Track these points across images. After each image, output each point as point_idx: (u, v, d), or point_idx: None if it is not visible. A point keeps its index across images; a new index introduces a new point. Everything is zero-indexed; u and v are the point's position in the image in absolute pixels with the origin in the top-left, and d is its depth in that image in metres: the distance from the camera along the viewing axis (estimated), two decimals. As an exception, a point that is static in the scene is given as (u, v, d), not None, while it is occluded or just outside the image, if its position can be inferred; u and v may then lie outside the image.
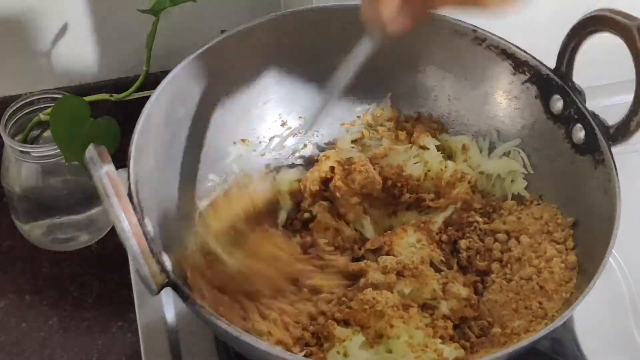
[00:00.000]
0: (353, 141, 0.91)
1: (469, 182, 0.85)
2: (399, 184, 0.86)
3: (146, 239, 0.63)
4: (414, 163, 0.87)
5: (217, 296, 0.73)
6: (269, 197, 0.82)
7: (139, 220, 0.63)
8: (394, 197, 0.86)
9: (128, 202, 0.62)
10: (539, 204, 0.83)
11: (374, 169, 0.86)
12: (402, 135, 0.89)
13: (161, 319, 0.83)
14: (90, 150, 0.63)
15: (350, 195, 0.85)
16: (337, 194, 0.84)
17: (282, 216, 0.86)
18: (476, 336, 0.76)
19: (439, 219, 0.84)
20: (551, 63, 0.82)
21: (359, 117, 0.91)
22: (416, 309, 0.75)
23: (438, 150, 0.88)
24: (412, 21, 0.67)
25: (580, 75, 0.80)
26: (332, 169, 0.86)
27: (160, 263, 0.64)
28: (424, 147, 0.88)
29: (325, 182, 0.86)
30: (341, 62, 0.74)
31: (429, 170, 0.87)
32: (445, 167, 0.86)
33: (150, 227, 0.67)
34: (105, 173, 0.61)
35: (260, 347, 0.64)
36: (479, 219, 0.84)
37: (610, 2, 0.75)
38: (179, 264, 0.70)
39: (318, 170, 0.86)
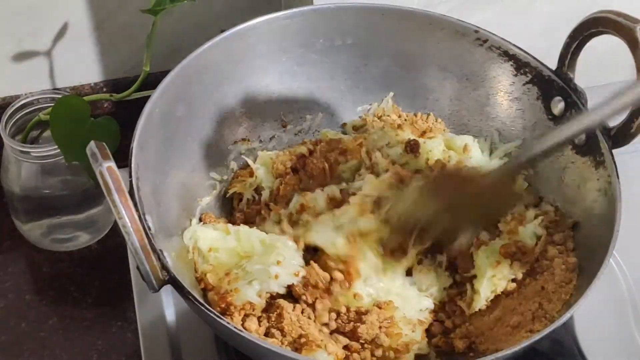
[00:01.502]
0: (355, 128, 0.91)
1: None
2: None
3: (147, 235, 0.64)
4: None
5: None
6: None
7: (140, 216, 0.64)
8: None
9: (129, 198, 0.63)
10: (539, 206, 0.83)
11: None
12: (406, 126, 0.89)
13: (161, 319, 0.83)
14: (92, 147, 0.64)
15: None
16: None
17: (265, 195, 0.85)
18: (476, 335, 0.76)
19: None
20: (552, 64, 0.82)
21: (360, 117, 0.92)
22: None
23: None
24: None
25: (582, 77, 0.80)
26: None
27: (161, 260, 0.65)
28: (430, 137, 0.88)
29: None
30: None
31: (428, 159, 0.86)
32: (449, 157, 0.86)
33: (151, 224, 0.67)
34: (106, 169, 0.62)
35: (260, 345, 0.64)
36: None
37: (611, 4, 0.75)
38: None
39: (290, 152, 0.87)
